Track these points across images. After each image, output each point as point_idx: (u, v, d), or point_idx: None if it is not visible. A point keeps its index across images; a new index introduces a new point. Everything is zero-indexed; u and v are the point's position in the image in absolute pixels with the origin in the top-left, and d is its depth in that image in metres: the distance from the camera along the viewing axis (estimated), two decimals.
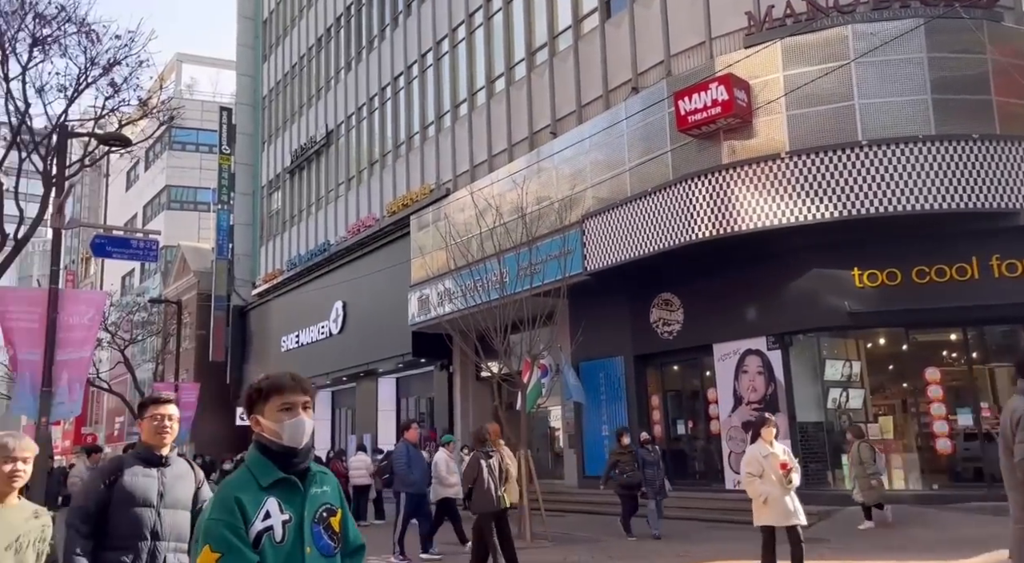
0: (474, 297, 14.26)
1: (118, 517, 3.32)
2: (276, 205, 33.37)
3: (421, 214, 22.01)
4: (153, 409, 3.55)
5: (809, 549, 8.96)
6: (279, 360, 30.02)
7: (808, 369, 13.71)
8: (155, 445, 3.51)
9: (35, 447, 3.12)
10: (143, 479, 3.40)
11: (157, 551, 3.33)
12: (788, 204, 12.76)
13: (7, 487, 2.99)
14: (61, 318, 10.08)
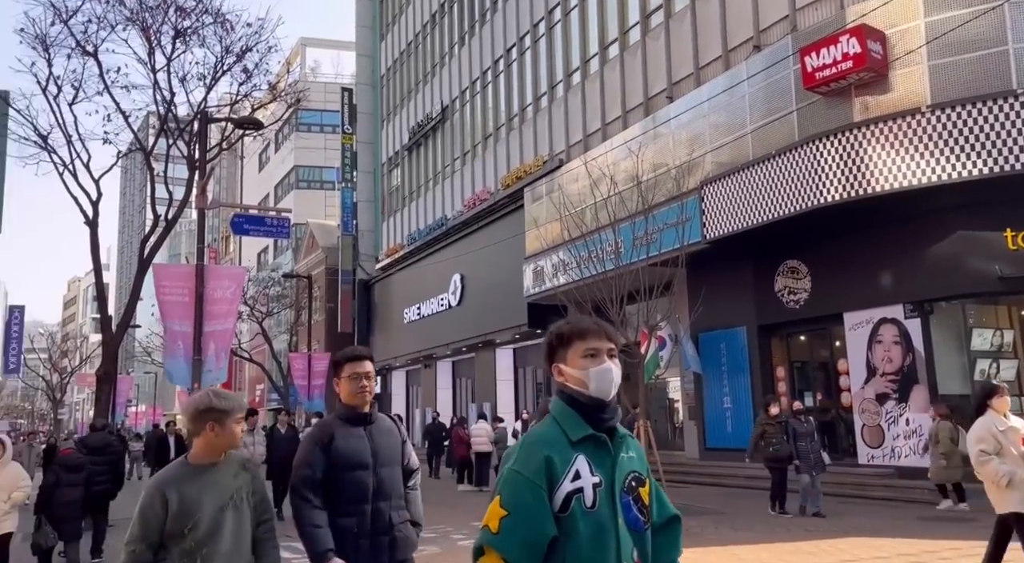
0: (589, 268, 14.21)
1: (339, 482, 3.18)
2: (396, 181, 34.43)
3: (534, 186, 22.07)
4: (350, 367, 3.32)
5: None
6: (402, 331, 31.21)
7: (952, 338, 12.76)
8: (357, 404, 3.32)
9: (245, 405, 2.93)
10: (355, 440, 3.25)
11: (379, 512, 3.20)
12: (929, 162, 11.83)
13: (221, 449, 2.82)
14: (207, 292, 10.87)
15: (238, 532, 2.79)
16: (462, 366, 29.53)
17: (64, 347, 43.89)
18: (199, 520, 2.69)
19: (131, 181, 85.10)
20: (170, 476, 2.76)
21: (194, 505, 2.70)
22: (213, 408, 2.77)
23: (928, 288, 12.65)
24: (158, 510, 2.67)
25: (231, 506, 2.77)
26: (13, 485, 7.01)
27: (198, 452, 2.81)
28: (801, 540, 8.49)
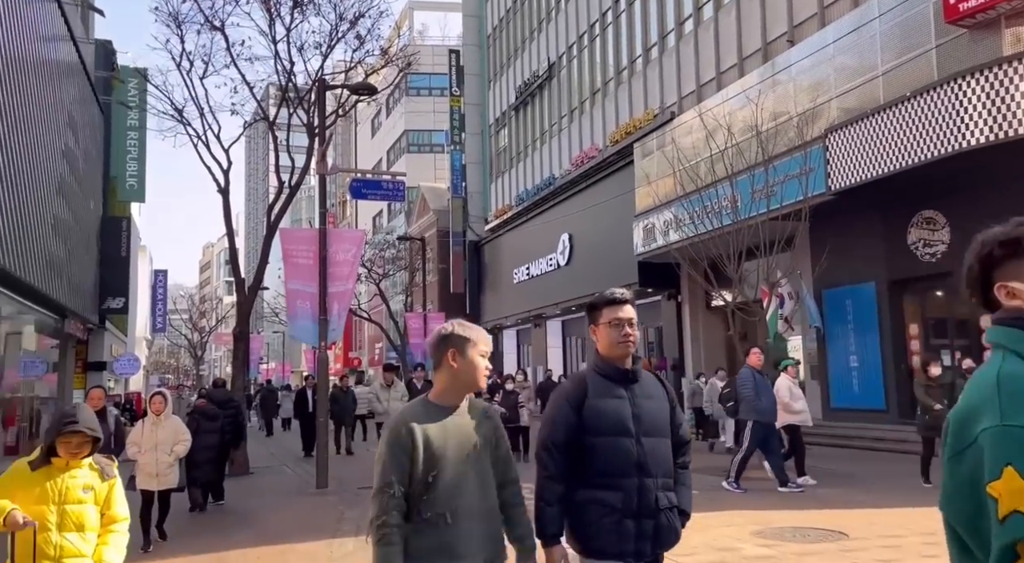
0: (704, 223, 13.79)
1: (592, 449, 2.61)
2: (503, 142, 34.51)
3: (645, 141, 21.54)
4: (610, 312, 2.71)
5: None
6: (511, 291, 31.60)
7: None
8: (617, 357, 2.71)
9: (488, 339, 2.54)
10: (613, 401, 2.66)
11: (645, 489, 2.60)
12: None
13: (463, 386, 2.46)
14: (329, 254, 11.38)
15: (484, 489, 2.41)
16: (572, 325, 29.62)
17: (202, 308, 47.39)
18: (442, 469, 2.32)
19: (254, 151, 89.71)
20: (415, 412, 2.40)
21: (439, 451, 2.33)
22: (453, 334, 2.44)
23: None
24: (408, 446, 2.31)
25: (474, 458, 2.39)
26: (175, 439, 7.22)
27: (439, 389, 2.46)
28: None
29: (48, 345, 18.65)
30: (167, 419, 7.30)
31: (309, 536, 7.28)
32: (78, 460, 3.06)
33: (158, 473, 7.11)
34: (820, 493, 9.06)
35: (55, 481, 3.03)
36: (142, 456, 7.15)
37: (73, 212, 17.99)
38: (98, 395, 8.08)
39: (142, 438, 7.19)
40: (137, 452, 7.19)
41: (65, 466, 3.05)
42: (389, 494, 2.27)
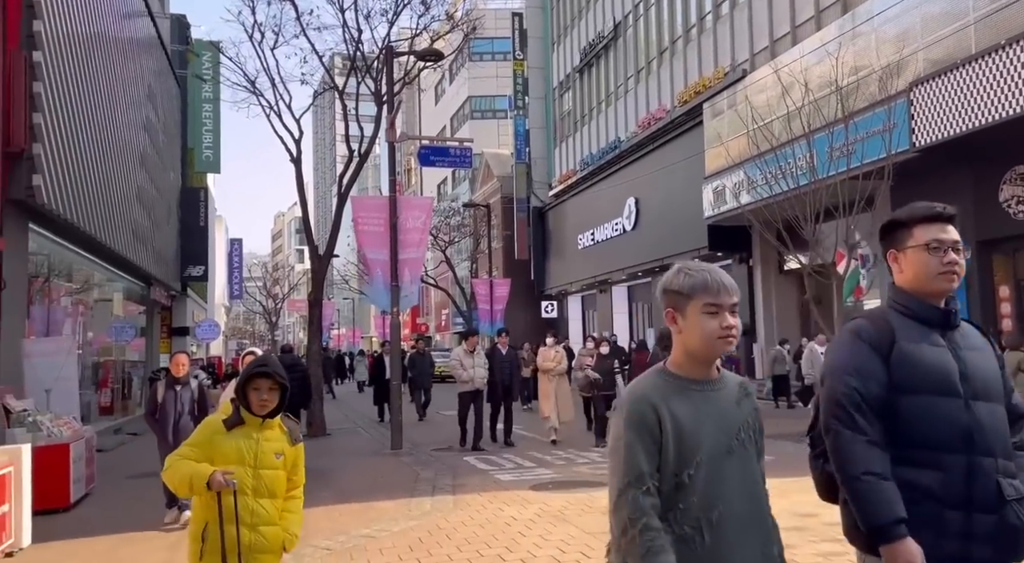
0: (779, 184, 13.34)
1: (906, 412, 1.92)
2: (567, 106, 34.07)
3: (715, 101, 20.91)
4: (925, 232, 2.04)
5: None
6: (576, 257, 31.46)
7: None
8: (934, 292, 2.02)
9: (730, 287, 1.81)
10: (932, 350, 1.96)
11: (979, 470, 1.90)
12: None
13: (701, 356, 1.81)
14: (400, 222, 11.53)
15: (752, 489, 1.82)
16: (638, 290, 29.35)
17: (275, 275, 48.87)
18: (700, 464, 1.72)
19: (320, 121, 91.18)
20: (655, 386, 1.79)
21: (693, 437, 1.73)
22: (666, 290, 1.85)
23: None
24: (655, 431, 1.72)
25: (738, 449, 1.79)
26: None
27: (677, 358, 1.85)
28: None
29: (135, 311, 19.59)
30: None
31: (388, 495, 7.51)
32: (270, 421, 2.92)
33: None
34: None
35: (250, 442, 2.89)
36: None
37: (155, 183, 18.71)
38: (182, 360, 7.42)
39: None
40: None
41: (260, 426, 2.91)
42: (642, 490, 1.68)
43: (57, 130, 10.04)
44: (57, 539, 6.21)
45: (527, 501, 6.99)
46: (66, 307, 13.46)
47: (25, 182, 9.05)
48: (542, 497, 7.16)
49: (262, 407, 2.90)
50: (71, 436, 7.84)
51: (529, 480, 8.13)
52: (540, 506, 6.74)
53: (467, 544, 5.53)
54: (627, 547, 1.67)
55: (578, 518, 6.20)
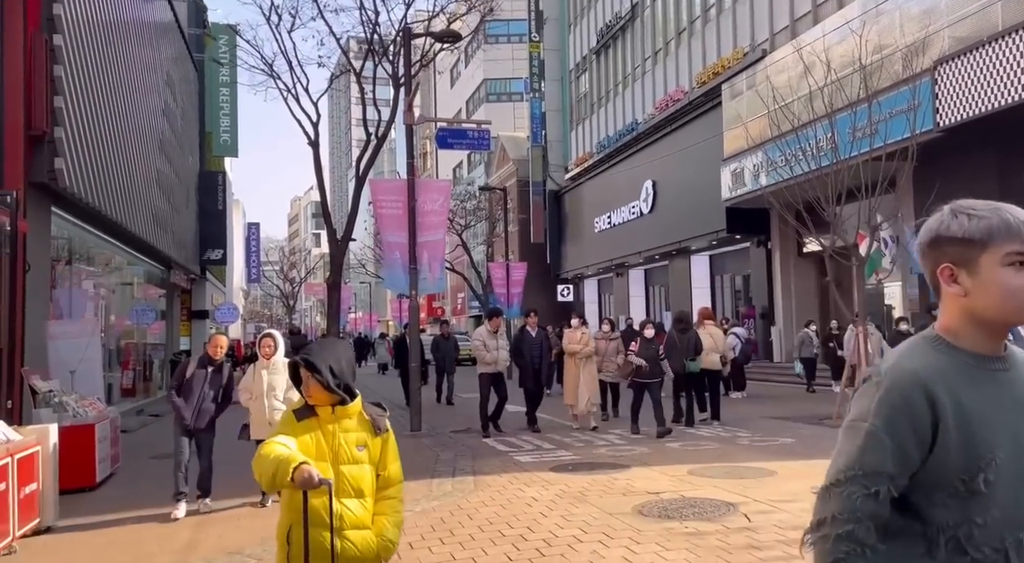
0: (800, 165, 13.17)
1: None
2: (584, 88, 33.81)
3: (734, 82, 20.66)
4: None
5: None
6: (592, 240, 31.35)
7: None
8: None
9: None
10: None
11: None
12: None
13: (989, 322, 1.37)
14: (418, 205, 11.52)
15: None
16: (655, 274, 29.23)
17: (292, 259, 49.16)
18: (998, 465, 1.29)
19: (336, 104, 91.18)
20: (929, 361, 1.34)
21: (987, 431, 1.30)
22: (946, 237, 1.41)
23: None
24: (925, 421, 1.29)
25: None
26: (287, 384, 6.29)
27: (955, 326, 1.39)
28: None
29: (156, 295, 19.78)
30: (278, 363, 6.50)
31: (409, 476, 7.51)
32: (344, 408, 2.51)
33: (271, 421, 6.20)
34: None
35: (327, 434, 2.49)
36: (253, 403, 6.58)
37: (174, 168, 18.80)
38: (221, 343, 6.77)
39: (252, 383, 6.62)
40: (249, 399, 6.64)
41: (332, 417, 2.50)
42: (868, 492, 1.29)
43: (77, 114, 10.09)
44: (83, 517, 6.31)
45: (548, 482, 7.01)
46: (87, 290, 13.61)
47: (47, 165, 9.12)
48: (562, 478, 7.18)
49: (310, 398, 2.52)
50: (96, 416, 7.95)
51: (549, 461, 8.15)
52: (561, 487, 6.75)
53: (489, 524, 5.56)
54: (816, 544, 1.35)
55: (599, 499, 6.22)
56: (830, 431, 9.91)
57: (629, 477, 7.11)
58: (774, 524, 5.19)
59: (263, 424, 6.42)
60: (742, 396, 14.82)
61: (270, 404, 6.50)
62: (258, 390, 6.59)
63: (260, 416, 6.56)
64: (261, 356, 6.72)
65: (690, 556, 4.55)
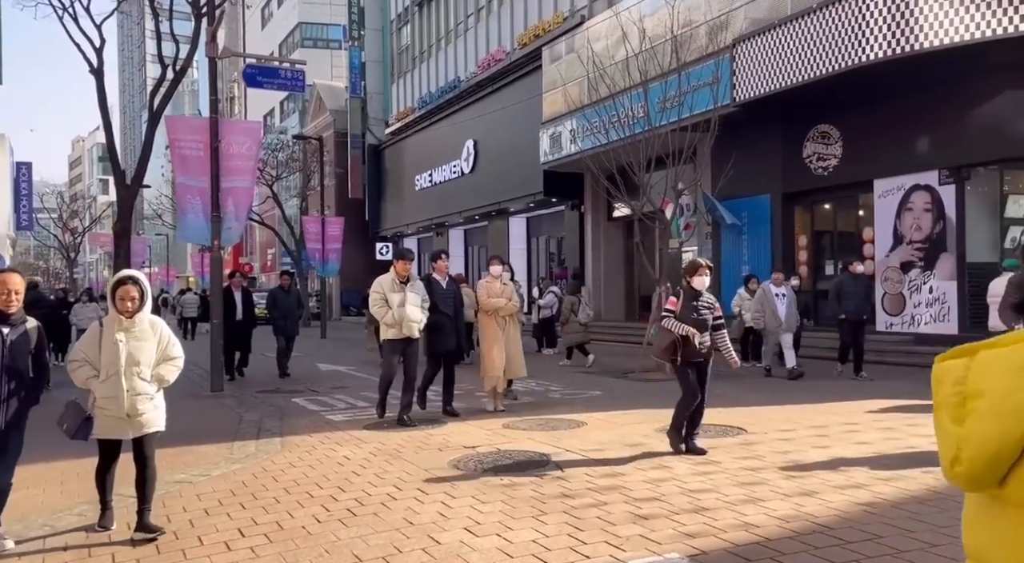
0: (616, 131, 13.65)
1: None
2: (405, 41, 32.86)
3: (553, 45, 20.97)
4: None
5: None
6: (413, 198, 30.89)
7: (985, 206, 12.45)
8: None
9: None
10: None
11: None
12: (984, 14, 11.01)
13: None
14: (223, 147, 10.53)
15: None
16: (474, 234, 29.43)
17: (73, 207, 43.78)
18: None
19: (128, 38, 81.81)
20: None
21: None
22: None
23: (967, 153, 12.19)
24: None
25: None
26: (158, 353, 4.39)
27: None
28: (827, 402, 8.60)
29: None
30: (146, 323, 4.34)
31: (206, 439, 6.96)
32: None
33: (133, 413, 4.23)
34: (718, 393, 9.48)
35: None
36: (101, 383, 4.23)
37: None
38: (12, 284, 4.08)
39: (101, 352, 4.28)
40: (91, 377, 4.26)
41: None
42: None
43: None
44: None
45: (361, 441, 6.75)
46: None
47: None
48: (376, 436, 6.94)
49: None
50: None
51: (364, 419, 7.87)
52: (375, 445, 6.52)
53: (296, 485, 5.21)
54: None
55: (414, 455, 6.07)
56: (634, 384, 10.51)
57: (445, 433, 7.03)
58: (584, 473, 5.33)
59: (118, 415, 4.19)
60: (554, 352, 15.34)
61: (131, 385, 4.19)
62: (110, 362, 4.22)
63: (113, 404, 4.18)
64: (118, 312, 4.26)
65: (505, 507, 4.53)
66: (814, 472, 5.17)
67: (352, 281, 34.46)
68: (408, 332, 7.39)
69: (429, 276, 7.99)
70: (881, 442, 6.20)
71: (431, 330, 7.75)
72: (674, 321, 5.85)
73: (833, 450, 5.92)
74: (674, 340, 5.80)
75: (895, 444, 6.11)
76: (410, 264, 7.55)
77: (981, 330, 12.22)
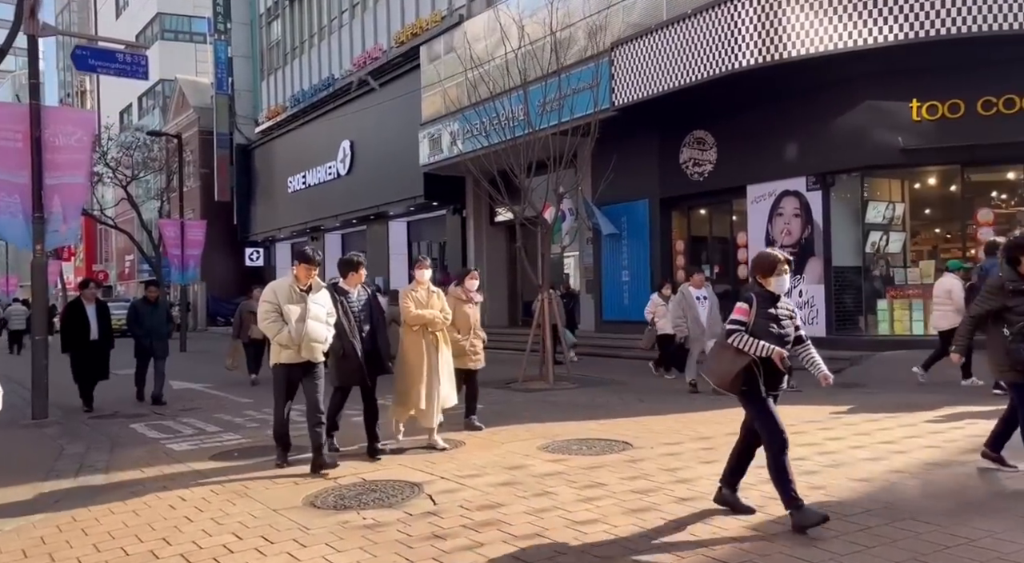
0: (497, 134, 13.18)
1: None
2: (276, 36, 31.27)
3: (432, 44, 20.36)
4: None
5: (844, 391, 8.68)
6: (286, 201, 29.35)
7: (849, 211, 12.91)
8: None
9: None
10: None
11: None
12: (847, 26, 11.39)
13: None
14: (46, 137, 9.18)
15: None
16: (352, 239, 28.28)
17: None
18: None
19: None
20: None
21: None
22: None
23: (832, 160, 12.59)
24: None
25: None
26: None
27: None
28: (708, 409, 8.43)
29: None
30: None
31: (8, 480, 5.81)
32: None
33: None
34: (600, 402, 9.16)
35: None
36: None
37: None
38: None
39: None
40: None
41: None
42: None
43: None
44: None
45: (202, 475, 5.83)
46: None
47: None
48: (224, 469, 6.05)
49: None
50: None
51: (211, 448, 6.92)
52: (218, 480, 5.64)
53: (110, 539, 4.30)
54: None
55: (264, 492, 5.25)
56: (516, 394, 10.02)
57: (304, 461, 6.21)
58: (460, 505, 4.73)
59: None
60: None
61: None
62: None
63: None
64: None
65: (363, 555, 3.85)
66: (706, 492, 4.80)
67: (220, 289, 32.35)
68: (309, 355, 5.76)
69: (336, 284, 6.31)
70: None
71: (335, 356, 6.14)
72: (748, 339, 4.21)
73: (722, 465, 5.60)
74: (749, 364, 4.23)
75: None
76: (315, 269, 5.88)
77: (847, 332, 12.69)
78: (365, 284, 6.51)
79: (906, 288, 12.34)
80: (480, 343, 7.52)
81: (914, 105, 11.86)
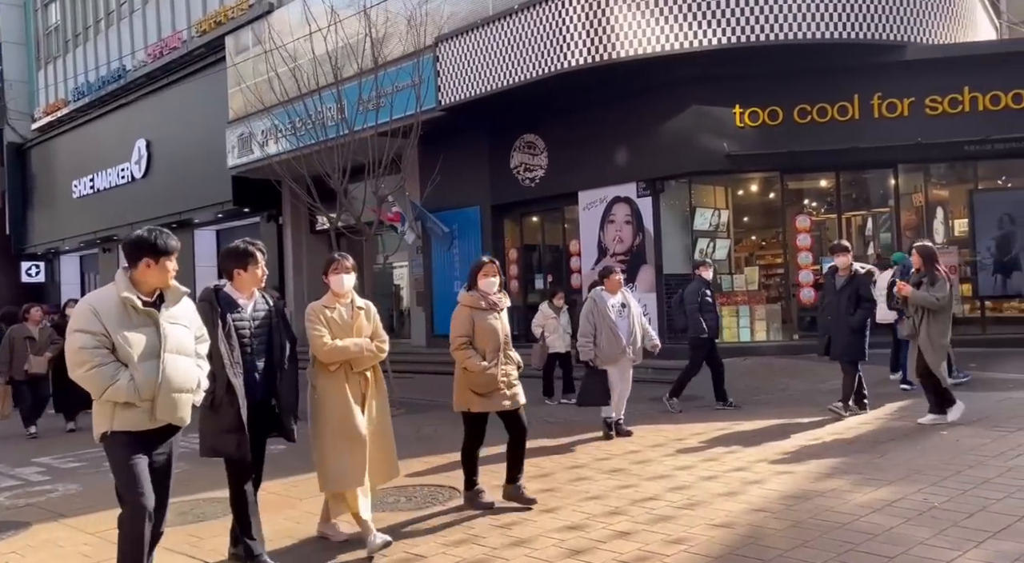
0: (313, 134, 11.81)
1: None
2: (54, 19, 27.47)
3: (238, 34, 18.45)
4: None
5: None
6: (71, 207, 25.81)
7: (678, 218, 12.86)
8: None
9: None
10: None
11: None
12: (673, 28, 11.27)
13: None
14: None
15: None
16: None
17: None
18: None
19: None
20: None
21: None
22: None
23: (660, 165, 12.48)
24: None
25: None
26: None
27: None
28: (538, 437, 7.70)
29: None
30: None
31: None
32: None
33: None
34: (427, 433, 8.17)
35: None
36: None
37: None
38: None
39: None
40: None
41: None
42: None
43: None
44: None
45: None
46: None
47: None
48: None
49: None
50: None
51: None
52: None
53: None
54: None
55: None
56: None
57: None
58: None
59: None
60: None
61: None
62: None
63: None
64: None
65: None
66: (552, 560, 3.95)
67: None
68: (169, 415, 3.38)
69: (219, 290, 4.09)
70: (614, 495, 5.24)
71: (202, 408, 3.79)
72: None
73: (563, 514, 4.81)
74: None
75: (629, 497, 5.16)
76: (170, 260, 3.49)
77: (678, 340, 12.59)
78: (266, 291, 4.21)
79: (733, 295, 12.47)
80: (515, 369, 5.18)
81: (737, 111, 11.97)
